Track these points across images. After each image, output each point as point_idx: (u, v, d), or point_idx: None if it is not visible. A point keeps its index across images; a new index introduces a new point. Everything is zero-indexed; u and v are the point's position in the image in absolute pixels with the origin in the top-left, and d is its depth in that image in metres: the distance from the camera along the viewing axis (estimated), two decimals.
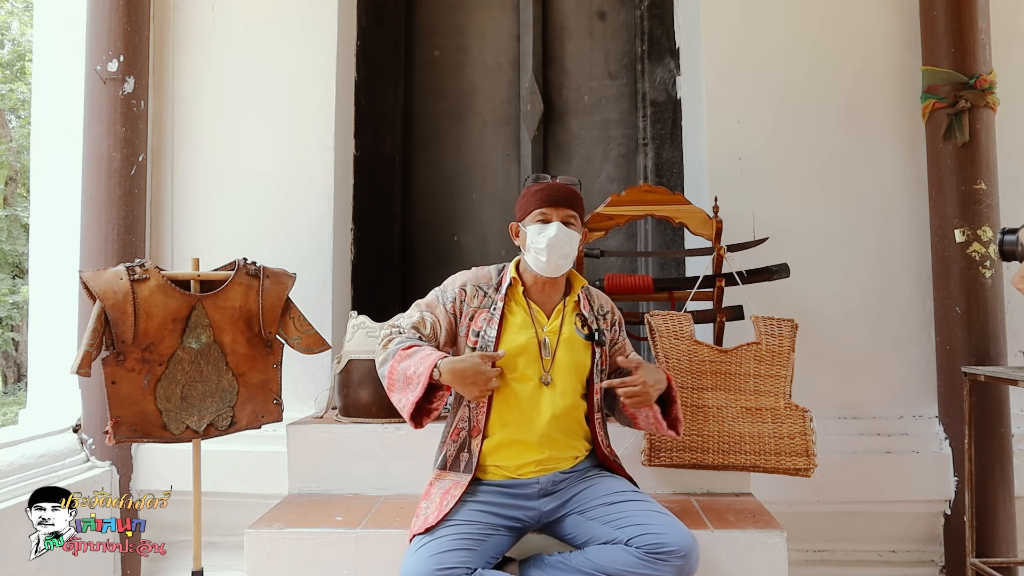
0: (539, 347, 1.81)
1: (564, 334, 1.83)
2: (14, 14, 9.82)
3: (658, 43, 3.20)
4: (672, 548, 1.62)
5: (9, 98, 9.28)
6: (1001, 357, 2.53)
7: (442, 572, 1.56)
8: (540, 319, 1.85)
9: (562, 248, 1.78)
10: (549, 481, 1.79)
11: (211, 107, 2.87)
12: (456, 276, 1.93)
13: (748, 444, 2.17)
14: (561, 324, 1.84)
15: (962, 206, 2.54)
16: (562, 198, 1.81)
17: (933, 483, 2.58)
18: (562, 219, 1.80)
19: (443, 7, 3.34)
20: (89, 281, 1.87)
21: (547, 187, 1.84)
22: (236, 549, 2.36)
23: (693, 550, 1.64)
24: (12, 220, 8.80)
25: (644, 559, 1.63)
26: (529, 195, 1.85)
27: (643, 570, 1.63)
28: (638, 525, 1.67)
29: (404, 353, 1.71)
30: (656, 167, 3.16)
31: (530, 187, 1.88)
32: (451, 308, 1.85)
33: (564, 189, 1.83)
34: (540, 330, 1.83)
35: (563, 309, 1.87)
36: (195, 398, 1.99)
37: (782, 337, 2.22)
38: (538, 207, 1.81)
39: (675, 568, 1.63)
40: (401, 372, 1.69)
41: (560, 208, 1.80)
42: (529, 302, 1.86)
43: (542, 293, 1.88)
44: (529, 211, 1.83)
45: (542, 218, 1.81)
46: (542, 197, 1.81)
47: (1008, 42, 2.70)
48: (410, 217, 3.30)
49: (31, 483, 2.27)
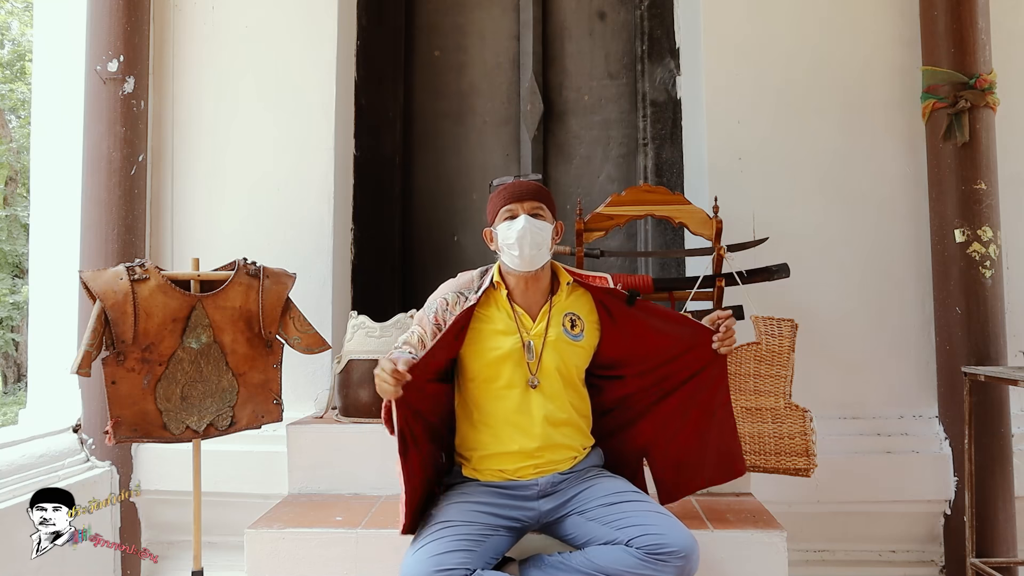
0: (524, 351, 1.80)
1: (550, 336, 1.81)
2: (14, 14, 9.82)
3: (658, 43, 3.20)
4: (673, 549, 1.62)
5: (9, 98, 9.28)
6: (1001, 357, 2.53)
7: (441, 573, 1.56)
8: (525, 322, 1.83)
9: (533, 239, 1.77)
10: (548, 482, 1.79)
11: (211, 107, 2.87)
12: (442, 286, 1.98)
13: (748, 444, 2.17)
14: (547, 326, 1.82)
15: (962, 206, 2.54)
16: (525, 192, 1.82)
17: (933, 483, 2.58)
18: (529, 211, 1.80)
19: (443, 7, 3.34)
20: (89, 281, 1.87)
21: (509, 185, 1.85)
22: (236, 549, 2.36)
23: (694, 551, 1.64)
24: (12, 220, 8.80)
25: (644, 560, 1.63)
26: (494, 197, 1.86)
27: (643, 571, 1.63)
28: (639, 526, 1.67)
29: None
30: (656, 167, 3.16)
31: (495, 189, 1.90)
32: (434, 319, 1.86)
33: (526, 184, 1.85)
34: (525, 333, 1.81)
35: (549, 310, 1.84)
36: (195, 398, 1.99)
37: (782, 337, 2.22)
38: (503, 204, 1.82)
39: (676, 569, 1.62)
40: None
41: (525, 201, 1.81)
42: (514, 305, 1.85)
43: (526, 294, 1.86)
44: (496, 211, 1.84)
45: (509, 215, 1.81)
46: (506, 195, 1.83)
47: (1008, 42, 2.70)
48: (410, 217, 3.30)
49: (31, 483, 2.27)
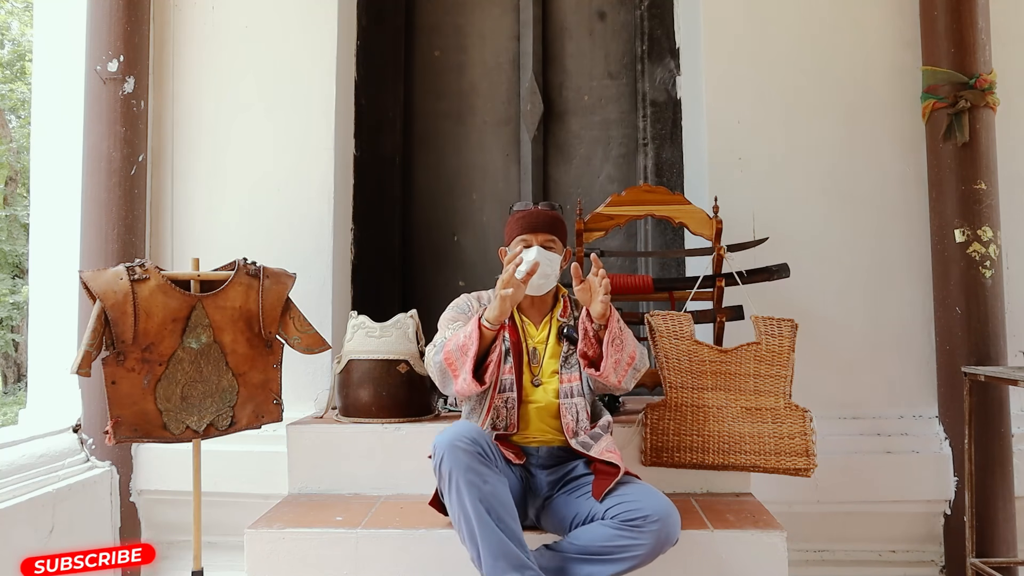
0: (528, 356, 2.03)
1: (549, 345, 2.05)
2: (14, 14, 9.81)
3: (658, 43, 3.20)
4: (645, 514, 1.66)
5: (9, 98, 9.27)
6: (1001, 357, 2.53)
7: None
8: (531, 331, 2.07)
9: (542, 269, 1.93)
10: (548, 453, 1.96)
11: (211, 107, 2.87)
12: (461, 298, 2.14)
13: (748, 444, 2.17)
14: (548, 334, 2.05)
15: (962, 206, 2.54)
16: (541, 224, 2.01)
17: (933, 483, 2.58)
18: (541, 244, 1.99)
19: (443, 7, 3.34)
20: (89, 281, 1.87)
21: (527, 215, 2.04)
22: (236, 549, 2.35)
23: (670, 515, 1.68)
24: (12, 220, 8.80)
25: (620, 528, 1.68)
26: (512, 222, 2.06)
27: (622, 540, 1.67)
28: (615, 496, 1.75)
29: (450, 338, 1.93)
30: (656, 167, 3.16)
31: (514, 215, 2.08)
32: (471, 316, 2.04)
33: (543, 216, 2.03)
34: (529, 340, 2.05)
35: (550, 320, 2.07)
36: (195, 398, 1.99)
37: (782, 337, 2.22)
38: (519, 234, 2.02)
39: (652, 534, 1.66)
40: (455, 344, 1.89)
41: (539, 234, 2.00)
42: (521, 316, 2.08)
43: (532, 308, 2.09)
44: (512, 238, 2.04)
45: (524, 243, 2.01)
46: (523, 225, 2.02)
47: (1008, 42, 2.70)
48: (410, 217, 3.30)
49: (31, 483, 2.27)
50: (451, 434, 1.72)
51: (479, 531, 1.63)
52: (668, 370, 2.22)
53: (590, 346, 1.91)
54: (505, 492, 1.70)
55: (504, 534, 1.63)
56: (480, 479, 1.66)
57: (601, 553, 1.69)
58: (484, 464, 1.68)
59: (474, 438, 1.71)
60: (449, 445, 1.69)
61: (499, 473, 1.72)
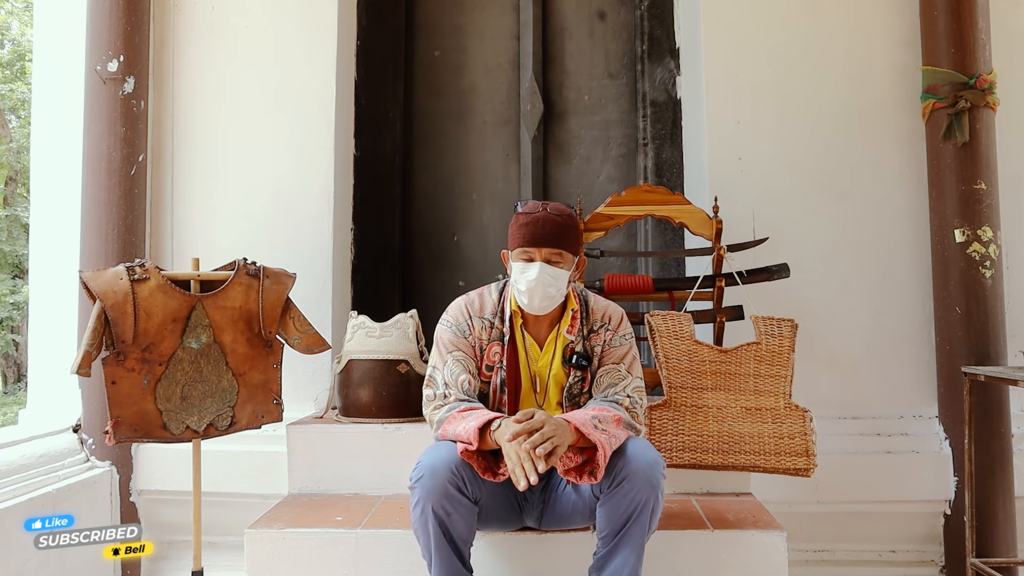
0: (531, 383, 1.87)
1: (554, 369, 1.86)
2: (14, 14, 9.81)
3: (658, 43, 3.20)
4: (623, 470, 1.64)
5: (9, 98, 9.27)
6: (1001, 357, 2.53)
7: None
8: (534, 353, 1.87)
9: (545, 290, 1.73)
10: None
11: (211, 107, 2.87)
12: (456, 310, 1.89)
13: (748, 444, 2.17)
14: (552, 357, 1.86)
15: (962, 206, 2.54)
16: (547, 235, 1.72)
17: (933, 483, 2.58)
18: (545, 258, 1.73)
19: (443, 7, 3.34)
20: (89, 281, 1.87)
21: (532, 222, 1.74)
22: (236, 549, 2.36)
23: (657, 464, 1.66)
24: (12, 220, 8.80)
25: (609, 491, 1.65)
26: (515, 227, 1.78)
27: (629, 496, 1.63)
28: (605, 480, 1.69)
29: (447, 423, 1.74)
30: (656, 167, 3.16)
31: (518, 217, 1.79)
32: (471, 341, 1.86)
33: (550, 224, 1.73)
34: (533, 364, 1.86)
35: (555, 338, 1.86)
36: (195, 398, 1.99)
37: (782, 337, 2.22)
38: (521, 245, 1.75)
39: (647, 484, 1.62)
40: (453, 433, 1.71)
41: (543, 247, 1.73)
42: (525, 334, 1.87)
43: (537, 323, 1.87)
44: (515, 245, 1.78)
45: (525, 257, 1.75)
46: (526, 234, 1.74)
47: (1008, 42, 2.70)
48: (410, 217, 3.30)
49: (31, 483, 2.27)
50: (433, 458, 1.68)
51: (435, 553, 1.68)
52: (668, 370, 2.22)
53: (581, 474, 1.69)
54: (465, 526, 1.69)
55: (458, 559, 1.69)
56: (444, 512, 1.65)
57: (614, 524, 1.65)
58: (454, 501, 1.65)
59: (453, 469, 1.64)
60: (429, 469, 1.66)
61: (470, 503, 1.68)
